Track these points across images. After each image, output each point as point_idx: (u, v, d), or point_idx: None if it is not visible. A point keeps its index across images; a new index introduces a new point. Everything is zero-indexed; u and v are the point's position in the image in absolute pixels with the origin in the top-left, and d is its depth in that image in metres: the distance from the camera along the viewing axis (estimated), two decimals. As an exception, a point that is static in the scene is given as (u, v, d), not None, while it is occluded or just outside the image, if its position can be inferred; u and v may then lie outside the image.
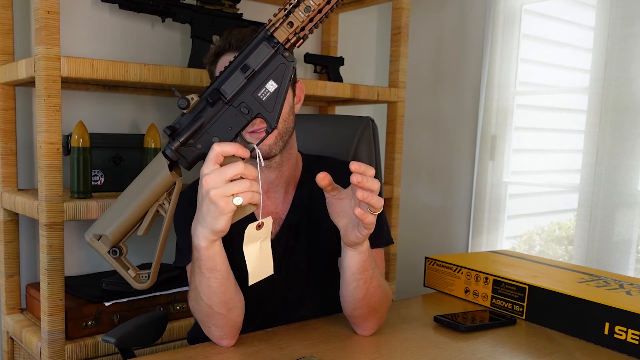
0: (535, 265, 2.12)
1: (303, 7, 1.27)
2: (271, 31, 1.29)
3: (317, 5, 1.27)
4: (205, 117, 1.33)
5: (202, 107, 1.33)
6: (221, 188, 1.27)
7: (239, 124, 1.33)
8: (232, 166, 1.28)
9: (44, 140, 2.02)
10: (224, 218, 1.30)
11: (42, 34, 1.97)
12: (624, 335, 1.57)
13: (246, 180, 1.28)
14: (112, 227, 1.36)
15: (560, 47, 3.03)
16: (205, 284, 1.45)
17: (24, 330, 2.31)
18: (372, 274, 1.53)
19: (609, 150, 2.57)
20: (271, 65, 1.30)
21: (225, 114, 1.32)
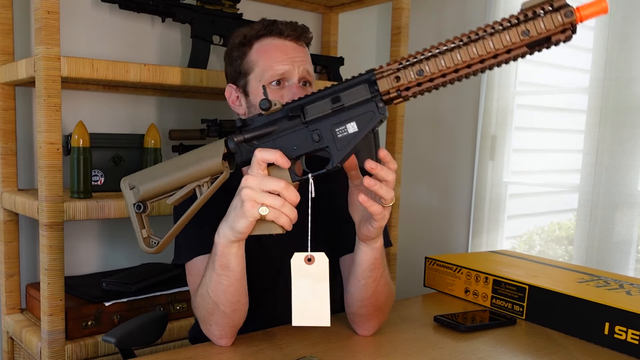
0: (535, 265, 2.12)
1: (417, 68, 1.23)
2: (376, 77, 1.26)
3: (430, 73, 1.23)
4: (278, 127, 1.33)
5: (280, 117, 1.33)
6: (255, 192, 1.27)
7: (304, 148, 1.32)
8: (275, 181, 1.28)
9: (44, 140, 2.02)
10: (245, 221, 1.30)
11: (42, 34, 1.97)
12: (624, 335, 1.57)
13: (280, 199, 1.28)
14: (148, 184, 1.39)
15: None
16: (216, 281, 1.44)
17: (24, 330, 2.31)
18: (382, 272, 1.53)
19: (609, 150, 2.57)
20: (361, 109, 1.28)
21: (297, 132, 1.32)
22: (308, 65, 1.68)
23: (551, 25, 1.12)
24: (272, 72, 1.63)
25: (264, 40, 1.66)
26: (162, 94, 2.80)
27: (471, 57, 1.18)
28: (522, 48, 1.16)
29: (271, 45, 1.65)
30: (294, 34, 1.67)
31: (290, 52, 1.65)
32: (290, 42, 1.66)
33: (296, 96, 1.57)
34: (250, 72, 1.67)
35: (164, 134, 2.71)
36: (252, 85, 1.67)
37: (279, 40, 1.66)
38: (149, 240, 1.41)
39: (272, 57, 1.64)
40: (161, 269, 2.58)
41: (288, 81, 1.64)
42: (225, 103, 2.95)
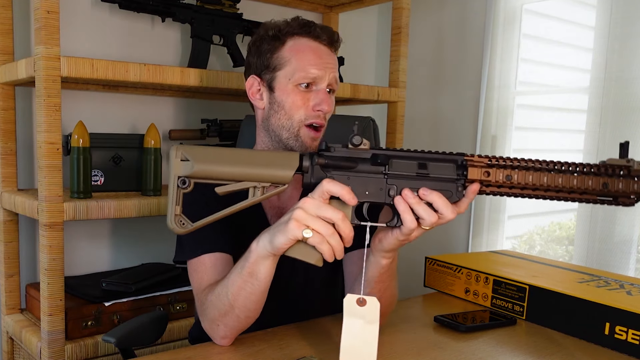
0: (536, 265, 2.11)
1: (507, 173, 1.28)
2: (468, 163, 1.29)
3: (516, 182, 1.27)
4: (359, 166, 1.32)
5: (363, 157, 1.32)
6: (307, 215, 1.26)
7: (375, 197, 1.31)
8: (333, 210, 1.26)
9: (43, 140, 2.02)
10: (284, 238, 1.28)
11: (42, 34, 1.97)
12: (625, 336, 1.57)
13: (331, 228, 1.26)
14: (205, 165, 1.33)
15: (561, 46, 3.03)
16: (239, 286, 1.41)
17: (24, 330, 2.31)
18: (388, 285, 1.53)
19: (610, 150, 2.57)
20: (442, 185, 1.30)
21: (374, 180, 1.31)
22: (337, 73, 1.68)
23: (626, 188, 1.23)
24: (304, 73, 1.61)
25: (299, 39, 1.64)
26: (162, 94, 2.80)
27: (554, 185, 1.26)
28: (593, 195, 1.25)
29: (307, 46, 1.63)
30: (329, 39, 1.65)
31: (325, 56, 1.64)
32: (324, 47, 1.65)
33: (323, 102, 1.60)
34: (280, 68, 1.64)
35: (163, 134, 2.72)
36: (280, 82, 1.64)
37: (314, 42, 1.64)
38: (179, 219, 1.35)
39: (307, 58, 1.62)
40: (161, 269, 2.58)
41: (317, 85, 1.62)
42: (225, 103, 2.98)
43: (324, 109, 1.60)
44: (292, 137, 1.63)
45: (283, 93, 1.63)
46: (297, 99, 1.61)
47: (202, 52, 2.52)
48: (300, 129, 1.63)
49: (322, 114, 1.62)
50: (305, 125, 1.62)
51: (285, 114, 1.63)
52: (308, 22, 1.65)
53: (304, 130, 1.63)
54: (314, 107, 1.61)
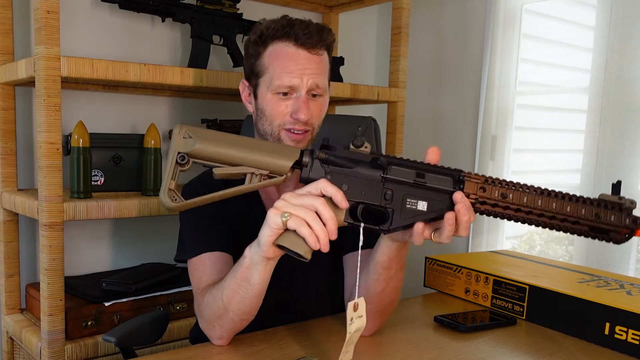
0: (536, 265, 2.12)
1: (502, 191, 1.29)
2: (465, 177, 1.31)
3: (511, 201, 1.29)
4: (358, 168, 1.33)
5: (363, 160, 1.33)
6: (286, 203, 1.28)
7: (371, 199, 1.33)
8: (312, 197, 1.28)
9: (43, 140, 2.02)
10: (267, 229, 1.30)
11: (42, 34, 1.97)
12: (625, 336, 1.57)
13: (313, 214, 1.26)
14: (207, 144, 1.34)
15: (561, 46, 3.02)
16: (234, 289, 1.43)
17: (24, 330, 2.31)
18: (394, 274, 1.52)
19: (610, 150, 2.57)
20: (437, 195, 1.32)
21: (372, 183, 1.32)
22: (319, 77, 1.63)
23: (618, 222, 1.25)
24: (279, 82, 1.59)
25: (278, 43, 1.62)
26: (162, 94, 2.81)
27: (547, 209, 1.27)
28: (585, 226, 1.27)
29: (283, 52, 1.61)
30: (310, 42, 1.60)
31: (302, 62, 1.60)
32: (303, 51, 1.60)
33: (299, 111, 1.59)
34: (261, 75, 1.64)
35: (163, 134, 2.71)
36: (261, 90, 1.65)
37: (292, 47, 1.60)
38: (172, 194, 1.35)
39: (282, 65, 1.60)
40: (161, 269, 2.58)
41: (295, 93, 1.61)
42: (225, 103, 2.98)
43: (300, 117, 1.59)
44: (275, 142, 1.63)
45: (263, 101, 1.64)
46: (276, 107, 1.61)
47: (202, 52, 2.52)
48: (280, 132, 1.62)
49: (301, 122, 1.60)
50: (285, 129, 1.62)
51: (267, 120, 1.64)
52: (290, 22, 1.62)
53: (284, 133, 1.62)
54: (292, 114, 1.60)
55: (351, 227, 1.34)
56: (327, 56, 1.67)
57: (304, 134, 1.63)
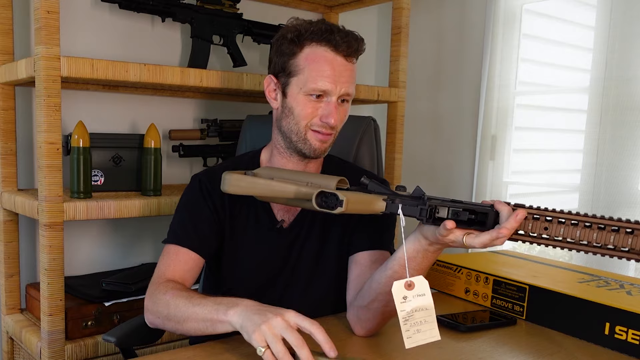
0: (536, 265, 2.11)
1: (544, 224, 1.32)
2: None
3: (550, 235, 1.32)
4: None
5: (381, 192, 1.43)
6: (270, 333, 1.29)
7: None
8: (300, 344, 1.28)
9: (43, 140, 2.01)
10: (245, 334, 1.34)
11: (42, 34, 1.96)
12: (625, 336, 1.56)
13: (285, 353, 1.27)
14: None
15: (561, 46, 3.02)
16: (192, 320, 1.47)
17: (24, 330, 2.31)
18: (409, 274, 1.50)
19: (610, 150, 2.57)
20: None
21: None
22: (351, 86, 1.68)
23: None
24: (314, 85, 1.63)
25: (316, 46, 1.65)
26: (162, 94, 2.80)
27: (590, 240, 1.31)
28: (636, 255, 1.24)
29: (321, 56, 1.64)
30: (348, 50, 1.65)
31: (339, 69, 1.64)
32: (341, 58, 1.65)
33: (330, 115, 1.64)
34: (294, 74, 1.67)
35: (163, 134, 2.72)
36: (292, 89, 1.68)
37: (331, 52, 1.64)
38: None
39: (319, 69, 1.63)
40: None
41: (327, 97, 1.65)
42: (225, 103, 2.98)
43: (329, 122, 1.64)
44: (301, 140, 1.69)
45: (294, 100, 1.67)
46: (307, 108, 1.65)
47: (202, 52, 2.51)
48: (307, 132, 1.67)
49: (328, 126, 1.65)
50: (312, 130, 1.67)
51: (294, 119, 1.67)
52: (330, 28, 1.65)
53: (310, 134, 1.67)
54: (321, 118, 1.65)
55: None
56: (356, 65, 1.71)
57: (329, 135, 1.69)
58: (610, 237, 1.26)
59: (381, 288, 1.51)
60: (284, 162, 1.77)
